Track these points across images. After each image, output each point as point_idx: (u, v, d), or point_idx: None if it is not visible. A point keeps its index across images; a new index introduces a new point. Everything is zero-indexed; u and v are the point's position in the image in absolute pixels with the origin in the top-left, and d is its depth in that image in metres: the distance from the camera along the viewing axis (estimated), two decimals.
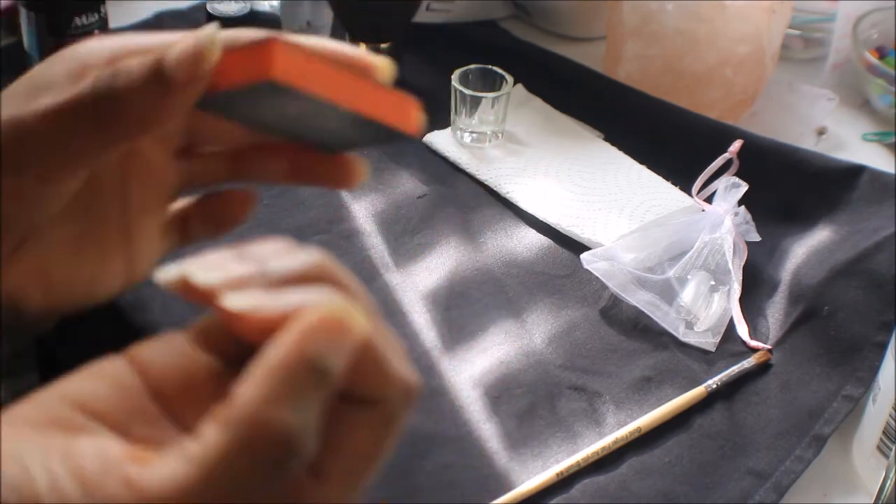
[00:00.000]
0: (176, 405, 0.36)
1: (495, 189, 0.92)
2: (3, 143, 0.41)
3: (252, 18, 0.97)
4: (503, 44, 1.09)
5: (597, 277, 0.82)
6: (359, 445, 0.35)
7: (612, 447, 0.71)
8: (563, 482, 0.69)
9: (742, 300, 0.82)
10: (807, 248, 0.87)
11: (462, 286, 0.83)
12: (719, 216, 0.84)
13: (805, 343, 0.80)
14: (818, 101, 1.05)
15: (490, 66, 0.95)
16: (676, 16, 0.97)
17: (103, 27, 0.93)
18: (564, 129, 0.99)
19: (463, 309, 0.81)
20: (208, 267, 0.35)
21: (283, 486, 0.32)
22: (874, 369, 0.74)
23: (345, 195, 0.91)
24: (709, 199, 0.87)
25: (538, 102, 1.01)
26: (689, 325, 0.81)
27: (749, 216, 0.84)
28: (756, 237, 0.85)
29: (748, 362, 0.78)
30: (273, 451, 0.31)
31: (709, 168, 0.87)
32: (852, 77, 1.09)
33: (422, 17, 1.07)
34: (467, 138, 0.96)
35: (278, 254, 0.37)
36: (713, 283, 0.83)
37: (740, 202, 0.84)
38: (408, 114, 0.43)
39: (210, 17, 0.96)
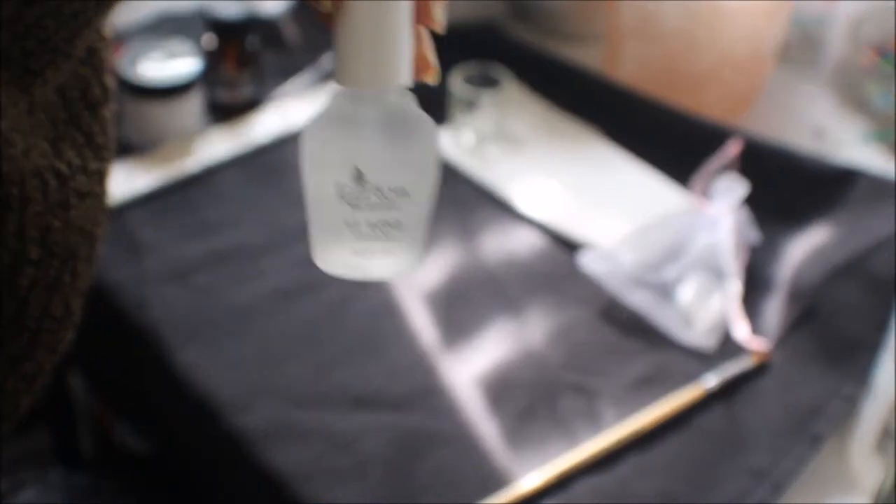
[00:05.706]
0: None
1: (495, 189, 0.92)
2: None
3: (251, 23, 0.97)
4: (503, 44, 1.09)
5: (597, 277, 0.83)
6: None
7: (612, 447, 0.72)
8: (563, 482, 0.70)
9: (742, 300, 0.82)
10: (806, 248, 0.87)
11: (462, 286, 0.83)
12: (719, 216, 0.84)
13: (804, 343, 0.80)
14: (818, 101, 1.05)
15: (490, 66, 0.96)
16: (676, 16, 0.97)
17: None
18: (564, 129, 0.99)
19: (463, 309, 0.81)
20: None
21: None
22: (873, 369, 0.75)
23: None
24: (709, 200, 0.87)
25: (538, 102, 1.01)
26: (689, 325, 0.81)
27: (749, 216, 0.84)
28: (756, 237, 0.85)
29: (748, 362, 0.78)
30: None
31: (709, 168, 0.87)
32: (852, 77, 1.09)
33: None
34: (467, 138, 0.96)
35: None
36: (713, 283, 0.83)
37: (740, 202, 0.85)
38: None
39: (208, 21, 0.96)
